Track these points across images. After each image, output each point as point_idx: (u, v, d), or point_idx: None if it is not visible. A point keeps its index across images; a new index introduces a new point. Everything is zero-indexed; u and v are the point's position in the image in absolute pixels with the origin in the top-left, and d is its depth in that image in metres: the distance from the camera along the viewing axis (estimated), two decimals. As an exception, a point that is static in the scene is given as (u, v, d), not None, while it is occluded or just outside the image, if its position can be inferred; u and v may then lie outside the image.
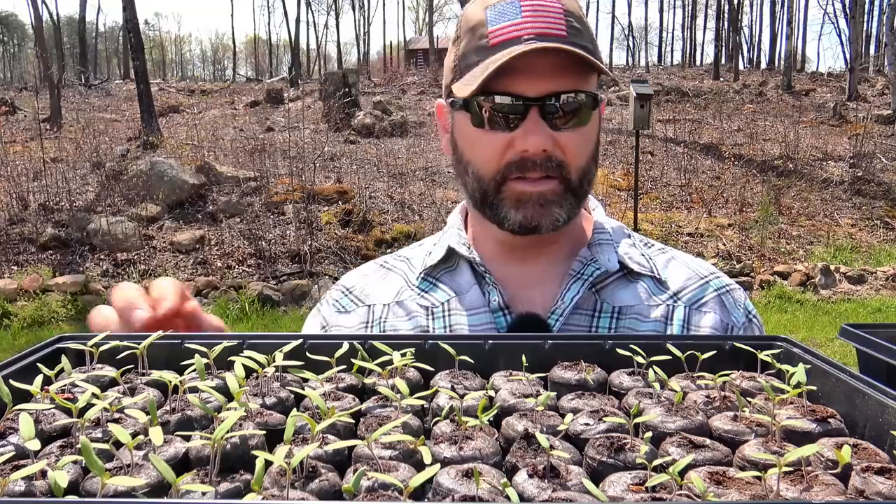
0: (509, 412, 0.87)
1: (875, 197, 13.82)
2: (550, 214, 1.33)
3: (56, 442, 0.75)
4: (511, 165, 1.31)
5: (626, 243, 1.49)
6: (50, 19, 28.99)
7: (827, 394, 0.91)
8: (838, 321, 7.66)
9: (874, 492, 0.66)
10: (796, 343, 1.03)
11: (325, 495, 0.64)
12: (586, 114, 1.33)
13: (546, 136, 1.29)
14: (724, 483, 0.68)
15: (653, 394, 0.89)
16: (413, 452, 0.73)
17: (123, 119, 18.06)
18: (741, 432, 0.80)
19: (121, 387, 0.89)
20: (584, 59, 1.28)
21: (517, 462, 0.73)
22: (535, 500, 0.64)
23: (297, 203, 11.47)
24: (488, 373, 1.00)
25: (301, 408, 0.87)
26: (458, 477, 0.67)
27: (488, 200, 1.36)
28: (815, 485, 0.67)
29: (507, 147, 1.31)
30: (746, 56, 49.99)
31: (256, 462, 0.64)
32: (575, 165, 1.34)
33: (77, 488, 0.66)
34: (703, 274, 1.48)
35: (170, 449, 0.72)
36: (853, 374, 0.89)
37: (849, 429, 0.85)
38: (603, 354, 1.02)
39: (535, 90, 1.28)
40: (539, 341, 1.05)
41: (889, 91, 19.84)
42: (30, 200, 11.76)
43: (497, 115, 1.30)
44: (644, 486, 0.67)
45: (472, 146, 1.36)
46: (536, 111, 1.28)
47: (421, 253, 1.56)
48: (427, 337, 1.03)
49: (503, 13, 1.30)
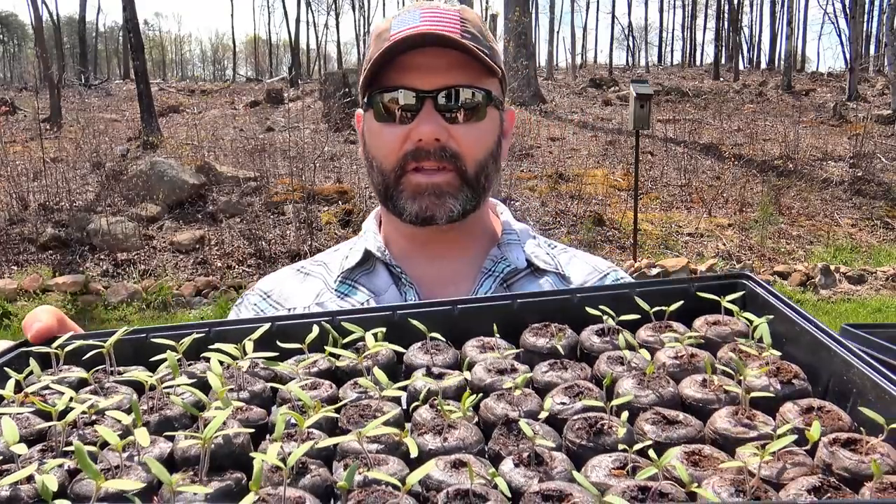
0: (486, 392, 0.88)
1: (875, 197, 13.82)
2: (445, 205, 1.41)
3: (36, 446, 0.74)
4: (408, 155, 1.40)
5: (531, 243, 1.60)
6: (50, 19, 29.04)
7: (792, 340, 0.93)
8: (838, 321, 7.66)
9: (841, 466, 0.68)
10: (759, 283, 1.05)
11: (318, 490, 0.64)
12: (481, 110, 1.43)
13: (439, 126, 1.38)
14: (702, 464, 0.70)
15: (624, 360, 0.91)
16: (398, 444, 0.74)
17: (123, 119, 18.07)
18: (710, 401, 0.83)
19: (92, 386, 0.87)
20: (475, 55, 1.38)
21: (500, 450, 0.75)
22: (523, 489, 0.65)
23: (297, 203, 11.47)
24: (460, 340, 1.00)
25: (279, 399, 0.87)
26: (446, 468, 0.68)
27: (389, 192, 1.45)
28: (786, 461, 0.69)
29: (404, 139, 1.40)
30: (746, 56, 50.01)
31: (254, 463, 0.64)
32: (471, 158, 1.42)
33: (65, 492, 0.66)
34: (602, 269, 1.61)
35: (154, 450, 0.72)
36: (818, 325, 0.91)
37: (812, 378, 0.87)
38: (570, 310, 1.04)
39: (428, 84, 1.39)
40: (507, 302, 1.05)
41: (889, 91, 19.84)
42: (30, 200, 11.76)
43: (395, 108, 1.41)
44: (625, 469, 0.68)
45: (375, 140, 1.46)
46: (431, 103, 1.39)
47: (338, 257, 1.62)
48: (396, 307, 1.04)
49: (404, 20, 1.43)
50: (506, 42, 17.79)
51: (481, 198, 1.48)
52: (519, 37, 18.10)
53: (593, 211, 12.21)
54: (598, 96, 22.05)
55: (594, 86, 23.98)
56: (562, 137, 16.15)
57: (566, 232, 11.57)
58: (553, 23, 45.29)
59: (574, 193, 12.69)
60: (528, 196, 12.86)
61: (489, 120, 1.45)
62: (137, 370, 0.90)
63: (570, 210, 12.30)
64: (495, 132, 1.48)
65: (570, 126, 17.31)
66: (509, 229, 1.61)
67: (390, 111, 1.41)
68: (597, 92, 22.93)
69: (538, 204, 12.54)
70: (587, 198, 12.72)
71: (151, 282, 9.80)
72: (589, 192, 12.93)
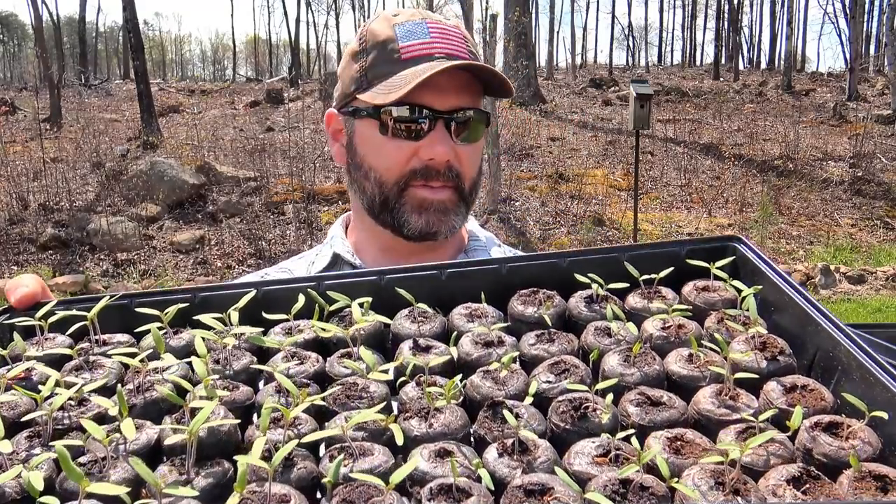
0: (472, 367, 0.87)
1: (875, 197, 13.81)
2: (448, 222, 1.45)
3: (23, 432, 0.74)
4: (416, 173, 1.42)
5: (496, 251, 1.64)
6: (50, 19, 29.01)
7: (780, 309, 0.93)
8: (837, 321, 7.63)
9: (821, 452, 0.68)
10: (750, 247, 1.04)
11: (305, 483, 0.64)
12: (480, 129, 1.47)
13: (450, 147, 1.40)
14: (683, 451, 0.70)
15: (611, 332, 0.91)
16: (384, 430, 0.73)
17: (123, 119, 18.06)
18: (696, 378, 0.83)
19: (76, 361, 0.86)
20: (494, 74, 1.41)
21: (485, 434, 0.75)
22: (507, 480, 0.65)
23: (297, 203, 11.47)
24: (448, 305, 1.00)
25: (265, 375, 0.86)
26: (431, 459, 0.68)
27: (389, 205, 1.45)
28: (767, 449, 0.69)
29: (411, 155, 1.41)
30: (746, 56, 49.97)
31: (238, 465, 0.63)
32: (469, 176, 1.46)
33: (53, 487, 0.65)
34: None
35: (142, 437, 0.72)
36: (807, 297, 0.91)
37: (798, 352, 0.87)
38: (559, 274, 1.03)
39: (443, 104, 1.40)
40: (496, 266, 1.05)
41: (889, 91, 19.82)
42: (30, 200, 11.77)
43: (405, 125, 1.40)
44: (608, 457, 0.69)
45: (377, 152, 1.44)
46: (442, 123, 1.40)
47: (303, 264, 1.62)
48: (382, 272, 1.03)
49: (412, 32, 1.42)
50: (506, 42, 17.79)
51: (470, 211, 1.54)
52: (519, 37, 18.08)
53: (593, 211, 12.21)
54: (598, 96, 22.03)
55: (594, 86, 23.97)
56: (562, 137, 16.15)
57: (566, 232, 11.57)
58: (553, 23, 45.29)
59: (574, 193, 12.69)
60: (528, 196, 12.85)
61: (482, 138, 1.50)
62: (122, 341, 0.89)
63: (569, 210, 12.30)
64: (483, 148, 1.54)
65: (570, 126, 17.30)
66: (475, 236, 1.66)
67: (398, 127, 1.40)
68: (597, 92, 22.91)
69: (538, 204, 12.54)
70: (587, 198, 12.72)
71: (151, 282, 9.80)
72: (589, 192, 12.92)
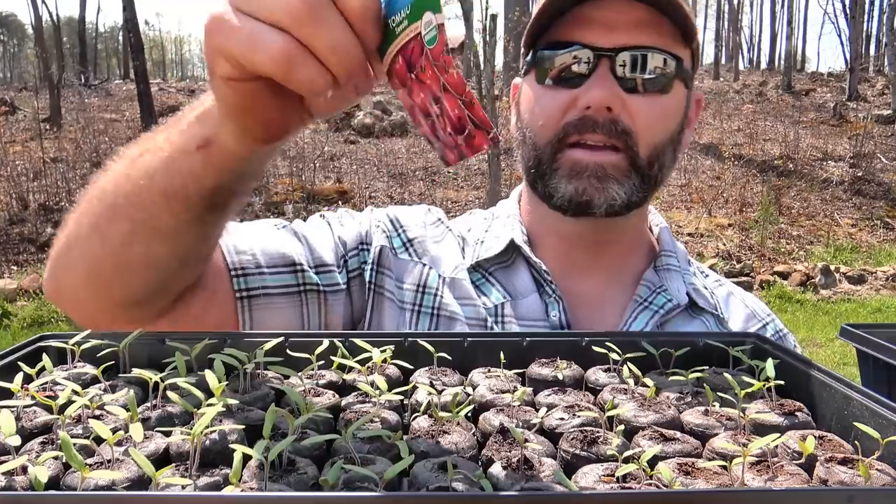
0: (487, 407, 0.87)
1: (875, 197, 13.82)
2: (607, 191, 1.15)
3: (37, 439, 0.75)
4: (570, 126, 1.15)
5: (690, 272, 1.34)
6: (50, 19, 29.01)
7: (797, 387, 0.93)
8: (838, 321, 7.66)
9: (836, 481, 0.67)
10: (766, 339, 1.05)
11: (302, 487, 0.64)
12: (667, 82, 1.15)
13: (612, 93, 1.13)
14: (693, 473, 0.70)
15: (627, 390, 0.91)
16: (391, 447, 0.73)
17: (123, 119, 18.07)
18: (711, 426, 0.82)
19: (102, 384, 0.89)
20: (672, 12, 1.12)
21: (493, 455, 0.74)
22: (508, 490, 0.65)
23: (297, 203, 11.48)
24: (468, 370, 1.01)
25: (283, 405, 0.87)
26: (433, 470, 0.68)
27: (541, 170, 1.20)
28: (780, 474, 0.69)
29: (569, 105, 1.16)
30: (746, 56, 50.00)
31: (234, 455, 0.64)
32: (646, 139, 1.16)
33: (58, 484, 0.67)
34: (762, 316, 1.37)
35: (150, 445, 0.73)
36: (820, 368, 0.91)
37: (817, 421, 0.86)
38: (579, 351, 1.03)
39: (607, 41, 1.13)
40: (517, 339, 1.06)
41: (889, 91, 19.84)
42: (30, 200, 11.77)
43: (562, 69, 1.16)
44: (615, 476, 0.68)
45: (532, 107, 1.21)
46: (607, 64, 1.13)
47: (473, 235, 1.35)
48: (406, 335, 1.04)
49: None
50: (506, 42, 17.80)
51: (650, 191, 1.21)
52: (519, 37, 18.08)
53: (593, 211, 12.23)
54: (599, 96, 22.06)
55: (594, 86, 24.00)
56: (562, 137, 16.17)
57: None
58: (553, 23, 45.27)
59: (574, 193, 12.71)
60: (527, 196, 12.87)
61: (674, 96, 1.18)
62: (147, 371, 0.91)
63: (569, 210, 12.32)
64: (679, 113, 1.21)
65: (570, 126, 17.32)
66: (669, 250, 1.33)
67: (556, 72, 1.16)
68: (597, 92, 22.95)
69: (538, 204, 12.55)
70: (587, 198, 12.74)
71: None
72: (589, 192, 12.94)
